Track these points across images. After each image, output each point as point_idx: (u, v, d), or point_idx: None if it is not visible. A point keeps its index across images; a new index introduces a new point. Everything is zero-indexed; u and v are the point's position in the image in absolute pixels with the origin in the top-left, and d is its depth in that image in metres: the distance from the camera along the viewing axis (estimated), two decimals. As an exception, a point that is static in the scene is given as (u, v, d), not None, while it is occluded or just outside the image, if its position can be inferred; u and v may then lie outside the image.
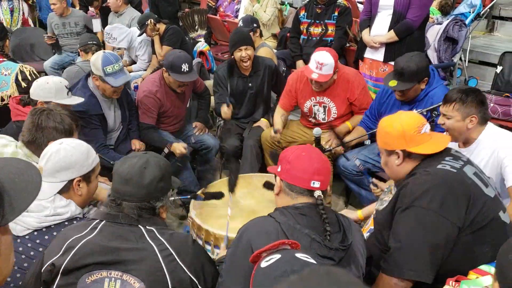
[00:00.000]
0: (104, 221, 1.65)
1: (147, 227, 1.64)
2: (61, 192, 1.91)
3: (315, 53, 3.39)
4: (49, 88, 2.88)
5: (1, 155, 2.28)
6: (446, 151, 2.01)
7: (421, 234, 1.82)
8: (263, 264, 1.27)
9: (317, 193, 1.69)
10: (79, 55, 4.81)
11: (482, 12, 5.06)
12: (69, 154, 1.92)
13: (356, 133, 3.42)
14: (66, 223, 1.86)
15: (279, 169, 1.78)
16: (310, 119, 3.66)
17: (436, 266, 1.83)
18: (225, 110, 3.76)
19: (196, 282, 1.63)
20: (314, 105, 3.59)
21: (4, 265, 1.01)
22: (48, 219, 1.83)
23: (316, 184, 1.69)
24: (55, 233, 1.82)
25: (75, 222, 1.87)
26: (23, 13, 6.74)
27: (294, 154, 1.74)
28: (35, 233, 1.82)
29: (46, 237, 1.82)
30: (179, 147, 3.48)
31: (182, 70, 3.49)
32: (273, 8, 5.65)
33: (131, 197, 1.65)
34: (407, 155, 1.99)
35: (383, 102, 3.29)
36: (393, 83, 3.02)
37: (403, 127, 1.98)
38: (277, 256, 1.27)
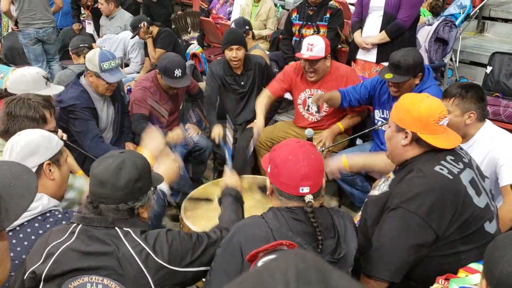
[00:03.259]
0: (80, 224, 1.63)
1: (123, 228, 1.62)
2: None
3: (306, 38, 3.47)
4: (26, 81, 2.87)
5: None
6: (450, 149, 1.95)
7: (403, 237, 1.82)
8: (260, 263, 1.27)
9: (308, 198, 1.60)
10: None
11: (472, 13, 5.10)
12: (30, 139, 1.91)
13: (329, 95, 3.37)
14: (39, 217, 1.83)
15: (269, 170, 1.71)
16: (303, 112, 3.69)
17: (406, 269, 1.85)
18: (218, 132, 3.64)
19: (182, 270, 1.63)
20: (308, 97, 3.63)
21: (0, 270, 1.01)
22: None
23: (305, 190, 1.61)
24: (29, 230, 1.80)
25: (48, 214, 1.85)
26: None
27: (281, 157, 1.65)
28: (10, 233, 1.80)
29: (21, 235, 1.80)
30: (176, 132, 3.36)
31: (175, 75, 3.51)
32: (274, 18, 5.67)
33: (108, 199, 1.61)
34: (416, 139, 1.93)
35: (377, 88, 3.30)
36: (388, 75, 3.02)
37: (426, 111, 1.90)
38: (273, 256, 1.27)
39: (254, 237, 1.58)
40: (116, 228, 1.61)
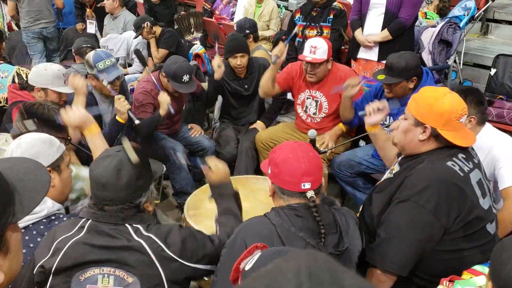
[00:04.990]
0: (90, 220, 1.64)
1: (133, 225, 1.63)
2: None
3: (309, 40, 3.46)
4: (47, 75, 2.93)
5: (1, 152, 2.28)
6: (463, 147, 1.95)
7: (411, 230, 1.83)
8: (247, 266, 1.25)
9: (310, 194, 1.65)
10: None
11: (476, 15, 5.08)
12: (30, 145, 1.90)
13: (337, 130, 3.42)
14: (44, 220, 1.84)
15: (269, 171, 1.75)
16: (301, 112, 3.68)
17: (414, 262, 1.85)
18: (217, 61, 3.67)
19: (192, 266, 1.65)
20: (307, 98, 3.63)
21: (14, 261, 1.02)
22: (24, 219, 1.76)
23: (307, 185, 1.65)
24: (34, 232, 1.80)
25: (53, 217, 1.85)
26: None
27: (281, 157, 1.69)
28: None
29: (27, 237, 1.80)
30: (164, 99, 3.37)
31: (183, 80, 3.50)
32: (277, 19, 5.67)
33: (112, 201, 1.62)
34: (435, 135, 1.91)
35: (378, 97, 3.30)
36: (381, 76, 3.05)
37: (450, 107, 1.88)
38: (257, 255, 1.26)
39: (259, 234, 1.60)
40: (126, 224, 1.63)
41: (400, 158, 2.11)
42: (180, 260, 1.63)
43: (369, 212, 2.02)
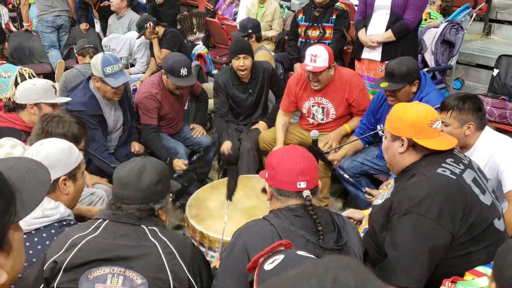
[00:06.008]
0: (107, 220, 1.69)
1: (149, 227, 1.68)
2: (48, 193, 1.88)
3: (309, 48, 3.44)
4: (37, 89, 2.88)
5: (11, 155, 2.29)
6: (448, 152, 1.97)
7: (419, 242, 1.81)
8: (267, 267, 1.26)
9: (305, 193, 1.69)
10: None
11: (468, 12, 5.07)
12: (51, 153, 1.93)
13: (353, 146, 3.39)
14: (56, 224, 1.86)
15: (266, 175, 1.79)
16: (309, 119, 3.67)
17: (428, 274, 1.83)
18: (227, 147, 3.76)
19: (193, 282, 1.66)
20: (312, 106, 3.61)
21: (17, 261, 1.03)
22: (36, 221, 1.83)
23: (303, 185, 1.69)
24: (44, 235, 1.83)
25: (64, 223, 1.89)
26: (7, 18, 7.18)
27: (276, 159, 1.75)
28: (25, 236, 1.77)
29: (36, 239, 1.82)
30: (179, 164, 3.44)
31: (181, 74, 3.51)
32: (280, 19, 5.67)
33: (130, 200, 1.69)
34: (412, 145, 1.96)
35: (378, 108, 3.31)
36: (384, 84, 3.05)
37: (417, 116, 1.95)
38: (280, 257, 1.27)
39: (259, 234, 1.62)
40: (142, 226, 1.68)
41: (394, 176, 2.14)
42: (187, 272, 1.65)
43: (373, 229, 2.03)
